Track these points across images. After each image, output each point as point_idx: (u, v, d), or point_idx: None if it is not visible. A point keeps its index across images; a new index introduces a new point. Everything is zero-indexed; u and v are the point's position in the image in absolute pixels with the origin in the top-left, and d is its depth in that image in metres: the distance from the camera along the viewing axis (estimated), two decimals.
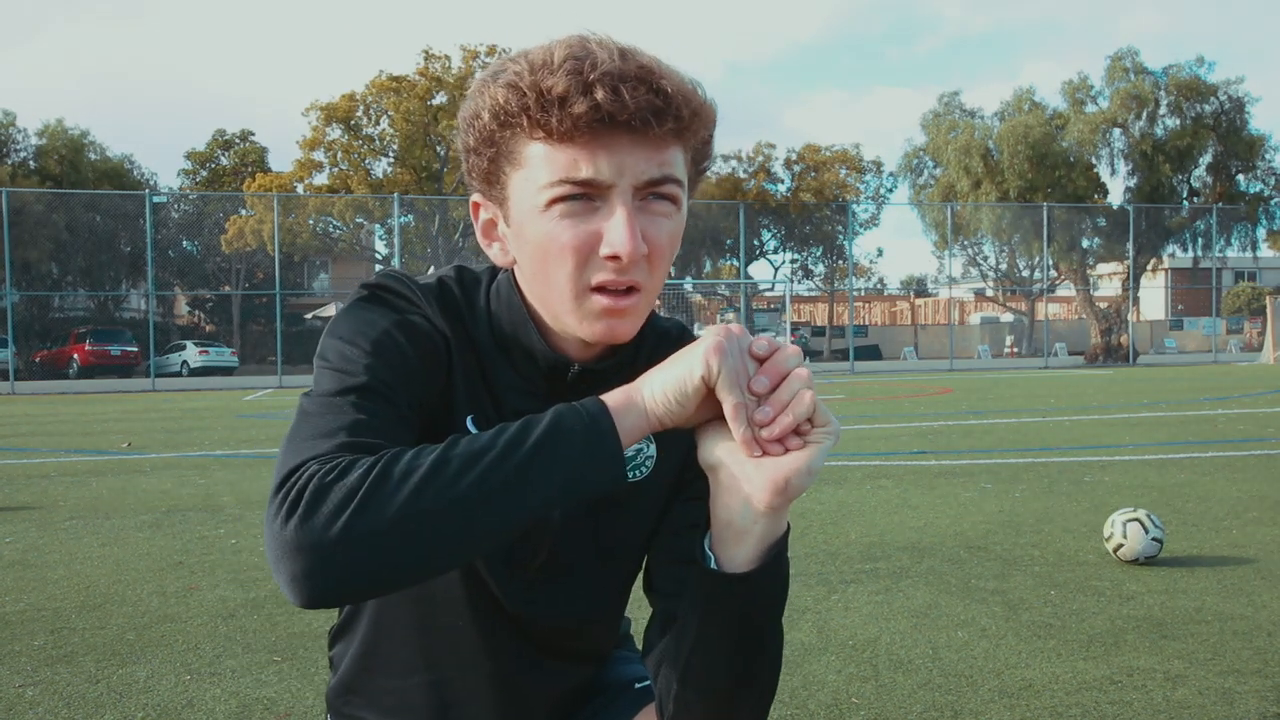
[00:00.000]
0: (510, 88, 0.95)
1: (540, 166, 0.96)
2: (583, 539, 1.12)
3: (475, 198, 1.07)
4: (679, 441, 0.92)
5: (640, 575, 1.19)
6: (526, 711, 1.19)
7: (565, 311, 1.01)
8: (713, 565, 0.95)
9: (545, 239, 0.98)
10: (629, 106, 0.91)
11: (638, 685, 1.26)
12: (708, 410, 0.92)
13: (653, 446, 1.12)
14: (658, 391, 0.90)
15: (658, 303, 1.15)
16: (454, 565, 0.86)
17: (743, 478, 0.90)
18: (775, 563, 0.94)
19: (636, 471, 1.12)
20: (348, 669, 1.22)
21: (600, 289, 0.98)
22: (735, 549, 0.93)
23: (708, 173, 1.07)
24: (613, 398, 0.91)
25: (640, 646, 1.39)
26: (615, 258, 0.96)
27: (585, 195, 0.96)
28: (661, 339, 1.17)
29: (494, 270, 1.13)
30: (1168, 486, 6.11)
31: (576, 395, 1.09)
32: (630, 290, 0.99)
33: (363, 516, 0.79)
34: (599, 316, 0.99)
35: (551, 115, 0.93)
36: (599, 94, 0.91)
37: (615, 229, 0.95)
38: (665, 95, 0.93)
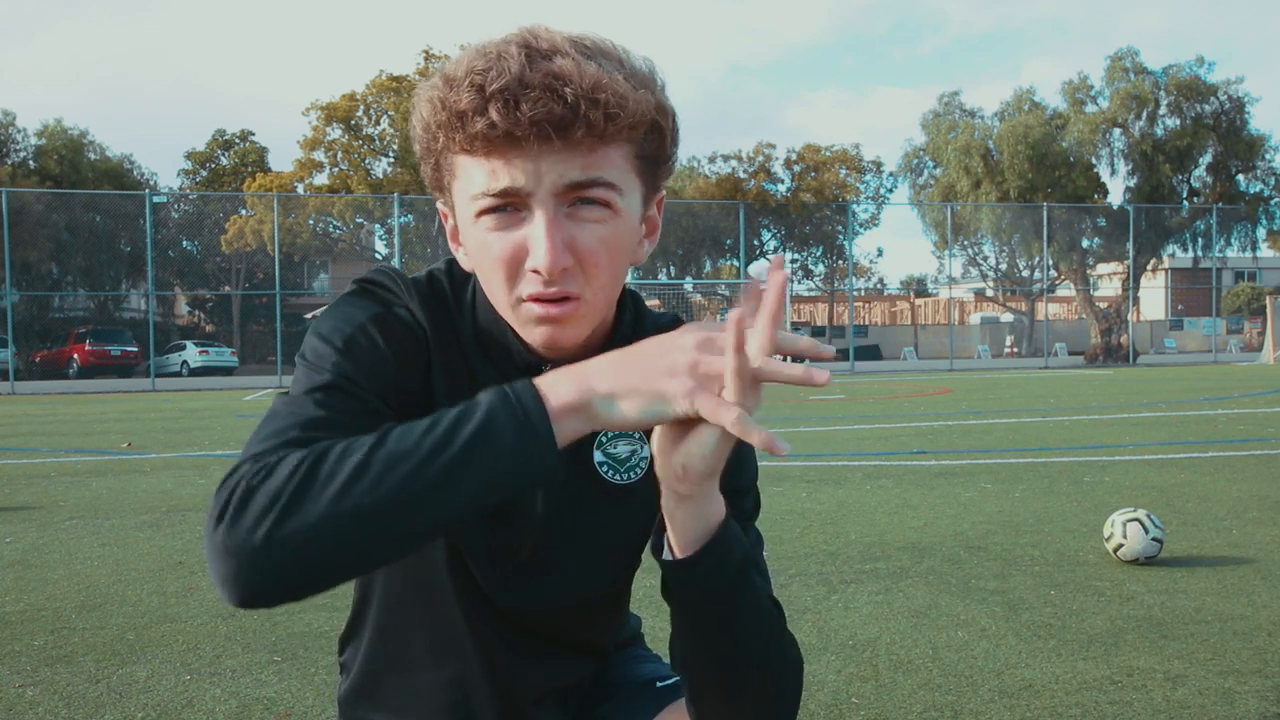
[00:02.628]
0: (430, 103, 0.96)
1: (467, 178, 0.97)
2: (569, 535, 1.12)
3: (439, 205, 1.08)
4: None
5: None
6: (526, 704, 1.19)
7: (510, 319, 1.02)
8: (665, 555, 0.96)
9: (479, 250, 0.98)
10: (523, 122, 0.89)
11: (659, 684, 1.26)
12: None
13: (647, 448, 1.12)
14: (624, 414, 0.83)
15: (658, 302, 1.14)
16: (381, 565, 0.86)
17: (660, 464, 0.89)
18: (710, 550, 0.93)
19: (630, 474, 1.12)
20: (358, 672, 1.22)
21: (534, 299, 0.97)
22: (672, 535, 0.94)
23: (673, 163, 1.03)
24: (561, 395, 0.83)
25: (650, 646, 1.41)
26: (538, 271, 0.95)
27: (509, 205, 0.95)
28: None
29: None
30: (1168, 486, 6.11)
31: None
32: (564, 299, 0.97)
33: (285, 522, 0.80)
34: (536, 324, 0.98)
35: (460, 132, 0.93)
36: (493, 112, 0.90)
37: (534, 241, 0.94)
38: (569, 103, 0.89)
